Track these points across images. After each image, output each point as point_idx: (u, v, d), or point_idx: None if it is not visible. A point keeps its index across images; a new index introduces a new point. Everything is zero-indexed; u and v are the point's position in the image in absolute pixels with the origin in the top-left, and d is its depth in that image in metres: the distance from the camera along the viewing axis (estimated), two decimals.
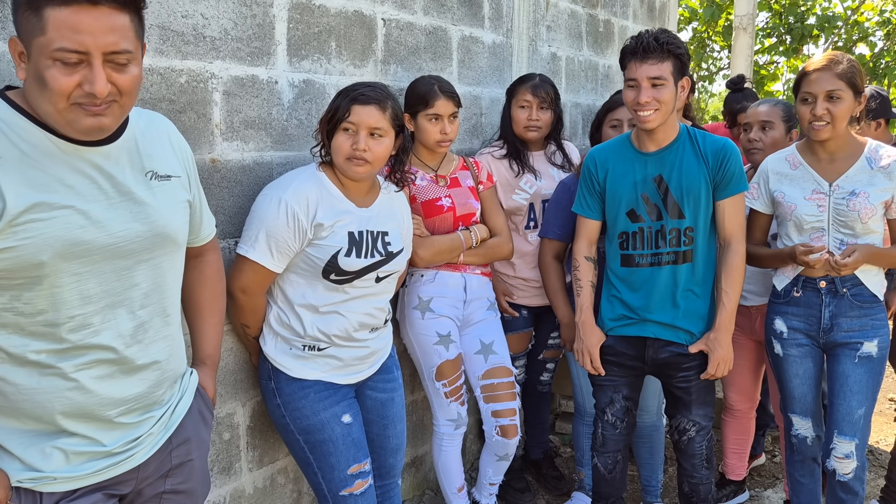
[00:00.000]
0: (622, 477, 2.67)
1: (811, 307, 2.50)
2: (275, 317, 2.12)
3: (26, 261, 1.29)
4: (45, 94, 1.26)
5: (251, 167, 2.23)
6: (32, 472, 1.38)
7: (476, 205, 2.69)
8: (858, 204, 2.39)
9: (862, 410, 2.43)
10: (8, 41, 1.31)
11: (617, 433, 2.60)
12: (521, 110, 2.93)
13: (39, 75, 1.25)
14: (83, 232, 1.34)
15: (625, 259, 2.47)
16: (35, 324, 1.34)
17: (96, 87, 1.25)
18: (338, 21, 2.47)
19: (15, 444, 1.38)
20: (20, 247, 1.27)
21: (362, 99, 2.05)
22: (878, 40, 11.30)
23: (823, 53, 2.52)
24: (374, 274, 2.13)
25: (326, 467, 2.11)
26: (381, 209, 2.20)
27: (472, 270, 2.71)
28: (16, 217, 1.26)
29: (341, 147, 2.05)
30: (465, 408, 2.70)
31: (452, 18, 3.03)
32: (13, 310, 1.32)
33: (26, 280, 1.31)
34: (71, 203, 1.33)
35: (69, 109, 1.27)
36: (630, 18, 4.63)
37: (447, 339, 2.60)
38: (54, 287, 1.33)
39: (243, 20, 2.15)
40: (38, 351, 1.36)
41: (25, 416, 1.39)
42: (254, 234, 2.00)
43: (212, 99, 2.09)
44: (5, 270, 1.29)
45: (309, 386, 2.11)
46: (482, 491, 2.87)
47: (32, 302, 1.33)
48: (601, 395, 2.59)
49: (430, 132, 2.53)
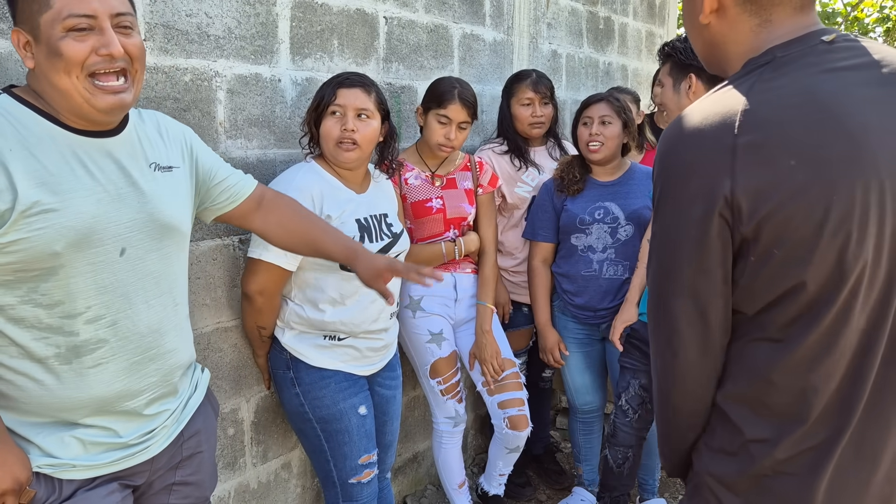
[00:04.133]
0: (631, 473, 2.68)
1: None
2: (292, 312, 2.14)
3: (41, 251, 1.30)
4: (62, 66, 1.28)
5: (255, 165, 2.25)
6: (51, 459, 1.39)
7: (469, 209, 2.65)
8: None
9: None
10: (11, 33, 1.33)
11: (628, 422, 2.59)
12: (524, 108, 2.93)
13: (53, 49, 1.27)
14: (95, 222, 1.35)
15: None
16: (52, 315, 1.35)
17: (112, 48, 1.30)
18: (340, 19, 2.48)
19: (33, 433, 1.39)
20: (34, 237, 1.28)
21: (347, 83, 2.09)
22: (878, 37, 11.30)
23: None
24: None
25: (340, 456, 2.14)
26: (376, 193, 2.25)
27: (462, 269, 2.70)
28: (28, 208, 1.27)
29: (330, 132, 2.08)
30: (462, 405, 2.71)
31: (454, 16, 3.04)
32: (31, 301, 1.33)
33: (42, 271, 1.32)
34: (82, 193, 1.34)
35: (89, 86, 1.31)
36: (630, 15, 4.64)
37: (439, 336, 2.61)
38: (70, 277, 1.34)
39: (247, 19, 2.16)
40: (57, 344, 1.37)
41: (44, 411, 1.40)
42: None
43: (216, 97, 2.10)
44: (21, 262, 1.30)
45: (329, 376, 2.14)
46: (491, 481, 2.88)
47: (49, 293, 1.34)
48: (621, 378, 2.61)
49: (436, 132, 2.52)
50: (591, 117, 2.72)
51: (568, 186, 2.76)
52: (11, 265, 1.29)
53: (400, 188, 2.54)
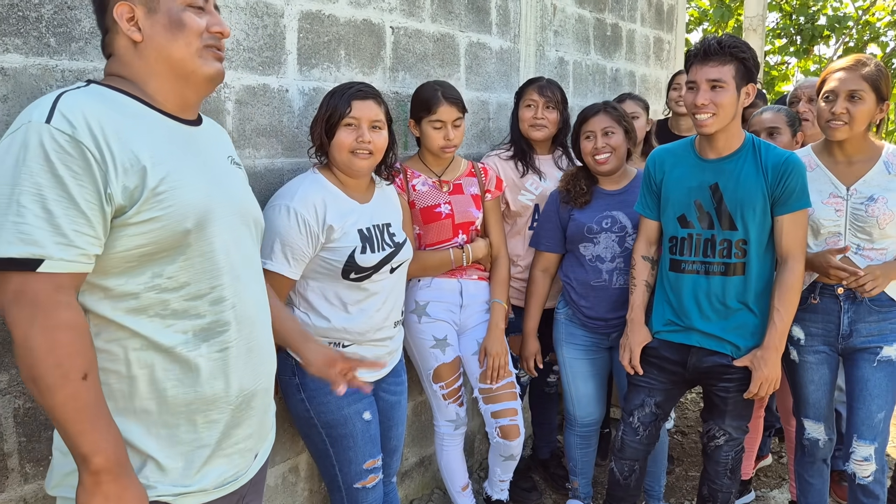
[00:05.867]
0: (637, 485, 2.68)
1: (830, 314, 2.48)
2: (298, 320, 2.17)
3: (173, 230, 1.29)
4: (182, 36, 1.36)
5: (262, 174, 2.29)
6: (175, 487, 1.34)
7: (476, 213, 2.70)
8: (877, 209, 2.37)
9: (882, 414, 2.42)
10: (115, 7, 1.35)
11: (637, 440, 2.59)
12: (528, 109, 2.98)
13: (175, 19, 1.36)
14: (210, 200, 1.36)
15: (673, 264, 2.45)
16: (178, 299, 1.33)
17: (223, 27, 1.42)
18: (347, 30, 2.52)
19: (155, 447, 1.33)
20: (166, 215, 1.28)
21: (360, 95, 2.13)
22: (890, 40, 11.24)
23: (853, 55, 2.46)
24: (388, 266, 2.19)
25: (345, 461, 2.18)
26: (379, 202, 2.27)
27: (468, 276, 2.72)
28: (157, 185, 1.27)
29: (344, 142, 2.11)
30: (463, 409, 2.74)
31: (460, 25, 3.07)
32: (156, 287, 1.31)
33: (170, 252, 1.31)
34: (193, 172, 1.35)
35: (203, 53, 1.39)
36: (638, 22, 4.66)
37: (444, 342, 2.64)
38: (195, 257, 1.34)
39: (255, 31, 2.21)
40: (184, 330, 1.34)
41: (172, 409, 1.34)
42: (269, 246, 2.04)
43: (224, 108, 2.15)
44: (153, 243, 1.28)
45: None
46: (493, 487, 2.92)
47: (175, 276, 1.32)
48: (634, 395, 2.59)
49: (434, 138, 2.56)
50: (594, 130, 2.72)
51: (575, 199, 2.77)
52: (140, 248, 1.27)
53: (408, 195, 2.57)
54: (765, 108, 3.03)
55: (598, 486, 3.30)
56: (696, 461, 3.64)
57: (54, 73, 1.71)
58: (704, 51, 2.26)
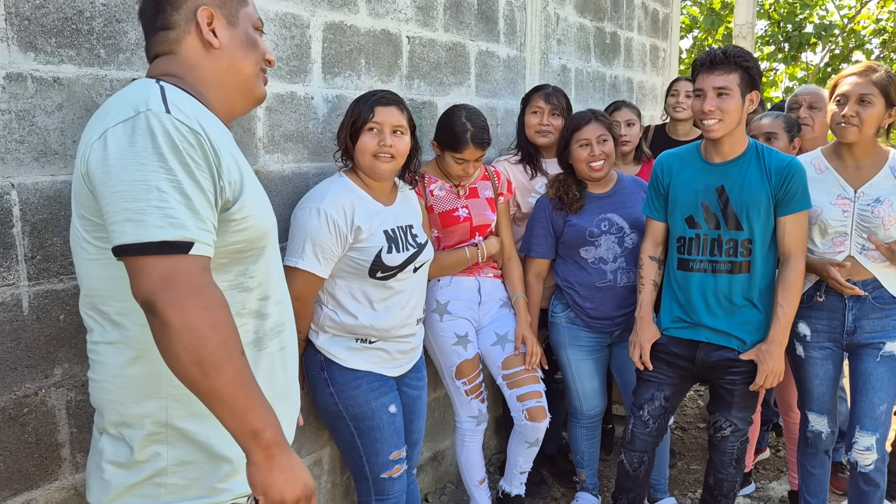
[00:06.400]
0: (646, 476, 2.79)
1: (834, 311, 2.60)
2: (325, 317, 2.26)
3: (260, 229, 1.34)
4: (253, 56, 1.46)
5: (290, 177, 2.39)
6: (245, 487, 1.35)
7: (492, 216, 2.81)
8: (883, 211, 2.48)
9: (884, 407, 2.53)
10: (200, 10, 1.38)
11: (647, 433, 2.70)
12: (534, 115, 3.09)
13: (251, 39, 1.46)
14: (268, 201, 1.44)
15: (681, 263, 2.57)
16: (252, 299, 1.37)
17: (272, 56, 1.53)
18: (367, 40, 2.63)
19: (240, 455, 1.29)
20: (254, 216, 1.32)
21: (383, 101, 2.23)
22: (875, 48, 11.47)
23: (865, 62, 2.55)
24: (412, 265, 2.30)
25: (372, 452, 2.27)
26: (402, 205, 2.37)
27: (485, 274, 2.84)
28: (245, 185, 1.31)
29: (367, 146, 2.21)
30: (485, 404, 2.83)
31: (470, 34, 3.19)
32: (239, 286, 1.34)
33: (255, 251, 1.35)
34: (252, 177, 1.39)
35: (260, 73, 1.49)
36: (635, 30, 4.79)
37: (465, 339, 2.74)
38: (269, 257, 1.40)
39: (283, 41, 2.31)
40: (256, 329, 1.38)
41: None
42: (300, 245, 2.14)
43: (255, 115, 2.25)
44: (245, 241, 1.32)
45: (361, 376, 2.27)
46: (512, 481, 2.97)
47: (256, 275, 1.36)
48: (644, 390, 2.69)
49: (454, 168, 2.66)
50: (589, 139, 2.79)
51: (570, 205, 2.84)
52: (234, 245, 1.31)
53: (425, 199, 2.68)
54: (763, 113, 3.15)
55: (603, 479, 3.41)
56: (697, 455, 3.76)
57: (104, 83, 1.81)
58: (711, 60, 2.38)
